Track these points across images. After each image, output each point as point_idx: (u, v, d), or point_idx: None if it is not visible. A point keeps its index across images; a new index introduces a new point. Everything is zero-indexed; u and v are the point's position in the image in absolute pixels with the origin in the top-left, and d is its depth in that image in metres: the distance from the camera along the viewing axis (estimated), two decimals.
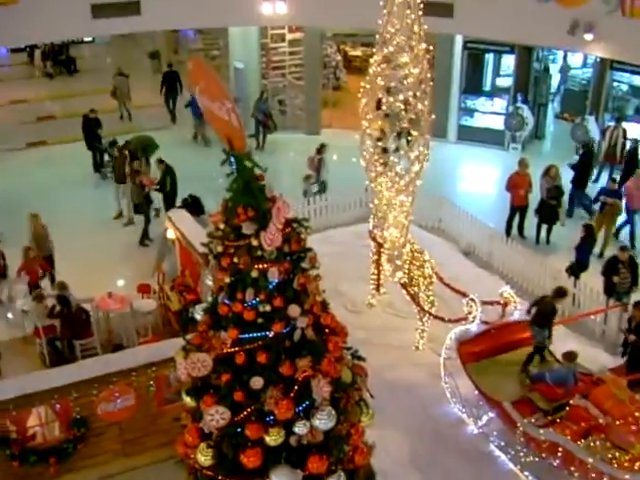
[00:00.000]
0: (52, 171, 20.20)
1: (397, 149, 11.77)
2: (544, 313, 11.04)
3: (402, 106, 11.26)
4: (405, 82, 11.26)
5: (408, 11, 10.53)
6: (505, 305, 11.73)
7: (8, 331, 14.00)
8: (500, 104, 22.66)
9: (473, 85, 23.08)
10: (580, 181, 18.11)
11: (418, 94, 11.26)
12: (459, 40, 21.82)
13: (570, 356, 10.22)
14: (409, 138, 11.52)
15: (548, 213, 16.92)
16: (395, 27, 10.60)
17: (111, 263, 15.73)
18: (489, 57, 23.05)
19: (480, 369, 10.88)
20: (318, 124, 23.17)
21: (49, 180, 19.62)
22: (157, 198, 17.43)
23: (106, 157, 20.68)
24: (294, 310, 6.28)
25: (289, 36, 23.52)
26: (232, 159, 6.27)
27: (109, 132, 20.88)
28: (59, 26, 17.41)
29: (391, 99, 11.34)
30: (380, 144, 11.83)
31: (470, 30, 19.13)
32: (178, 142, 19.50)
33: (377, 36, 10.49)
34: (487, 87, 23.40)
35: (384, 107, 11.36)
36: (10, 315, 14.63)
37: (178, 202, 16.98)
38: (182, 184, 17.59)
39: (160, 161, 17.57)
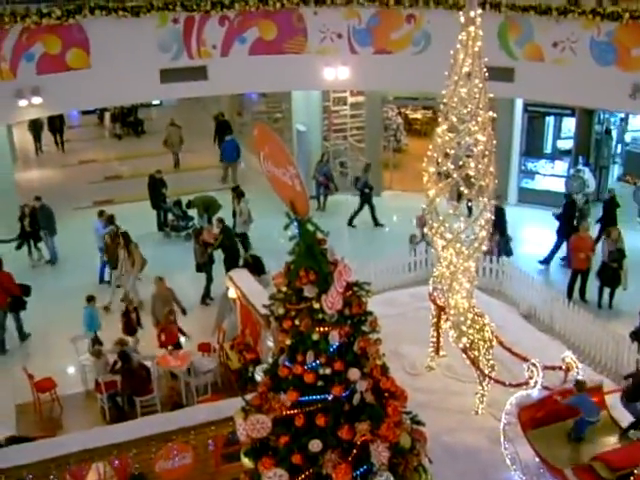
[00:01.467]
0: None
1: (464, 217, 11.78)
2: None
3: (470, 173, 11.31)
4: (473, 150, 11.32)
5: (476, 80, 10.59)
6: (567, 370, 11.55)
7: (70, 385, 14.28)
8: (561, 166, 22.60)
9: (534, 147, 23.06)
10: None
11: (485, 161, 11.31)
12: (519, 103, 21.94)
13: None
14: (476, 205, 11.53)
15: (610, 276, 16.67)
16: (461, 96, 10.67)
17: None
18: (550, 120, 23.03)
19: (541, 435, 10.68)
20: (379, 186, 23.37)
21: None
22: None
23: (170, 216, 21.20)
24: (354, 373, 6.32)
25: (351, 99, 23.91)
26: (295, 223, 6.42)
27: (174, 192, 21.39)
28: (129, 90, 18.01)
29: (452, 166, 11.40)
30: (446, 212, 11.86)
31: (531, 94, 19.21)
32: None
33: (442, 105, 10.55)
34: (548, 149, 23.32)
35: (451, 175, 11.41)
36: (72, 369, 14.94)
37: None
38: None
39: (220, 220, 17.99)
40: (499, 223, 17.04)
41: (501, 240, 17.58)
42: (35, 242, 19.60)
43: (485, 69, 10.86)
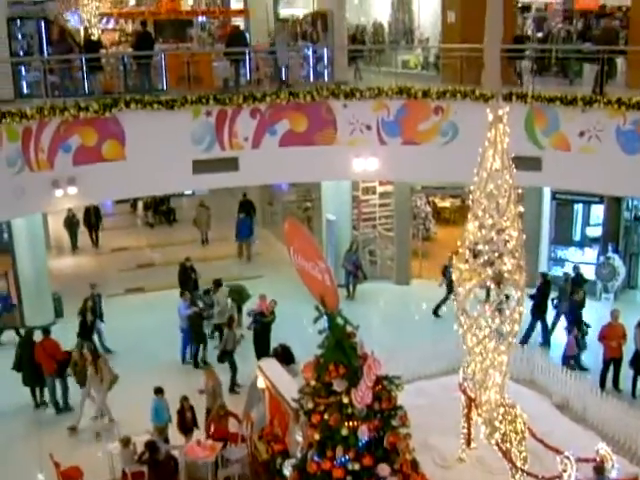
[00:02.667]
0: (149, 316, 20.84)
1: (496, 313, 11.72)
2: None
3: (503, 268, 11.29)
4: (504, 245, 11.33)
5: (506, 176, 10.64)
6: (601, 463, 11.33)
7: (98, 474, 14.17)
8: (591, 254, 22.53)
9: (563, 235, 23.06)
10: None
11: (517, 256, 11.32)
12: (548, 191, 22.06)
13: None
14: (508, 300, 11.49)
15: None
16: (490, 191, 10.69)
17: (202, 408, 15.83)
18: (578, 207, 23.07)
19: None
20: (408, 275, 23.41)
21: (146, 324, 20.27)
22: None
23: (200, 304, 21.28)
24: (383, 469, 6.29)
25: (380, 189, 24.22)
26: (325, 316, 6.49)
27: (204, 280, 21.56)
28: (162, 181, 18.39)
29: (480, 261, 11.39)
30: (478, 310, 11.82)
31: (558, 183, 19.35)
32: (271, 291, 19.92)
33: (470, 202, 10.57)
34: (577, 237, 23.29)
35: (484, 272, 11.39)
36: (100, 454, 14.85)
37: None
38: (273, 332, 18.06)
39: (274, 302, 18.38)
40: (577, 317, 17.24)
41: (578, 334, 17.73)
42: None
43: (513, 165, 10.98)
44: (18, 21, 20.50)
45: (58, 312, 21.06)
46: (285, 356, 16.34)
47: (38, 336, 17.14)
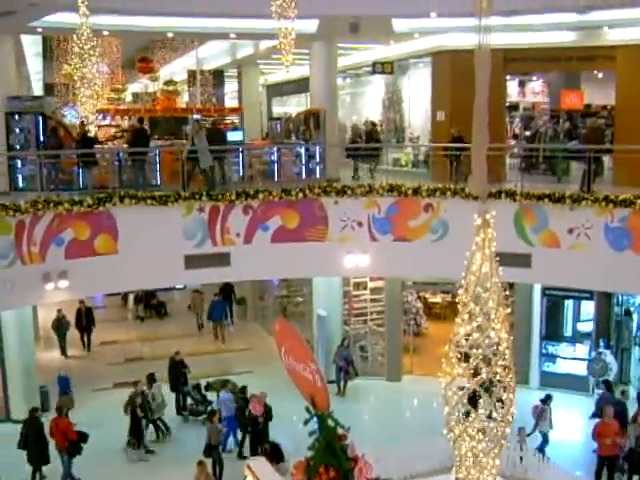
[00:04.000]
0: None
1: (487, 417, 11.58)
2: None
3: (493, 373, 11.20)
4: (496, 348, 11.26)
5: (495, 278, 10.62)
6: None
7: None
8: (582, 349, 22.50)
9: (554, 331, 23.09)
10: None
11: (507, 357, 11.25)
12: (538, 287, 22.17)
13: None
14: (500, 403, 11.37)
15: (639, 461, 16.22)
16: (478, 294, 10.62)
17: None
18: (569, 303, 23.15)
19: None
20: (399, 370, 23.29)
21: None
22: None
23: (189, 400, 21.09)
24: None
25: (371, 284, 24.30)
26: (315, 418, 6.44)
27: (195, 375, 21.39)
28: (154, 275, 18.40)
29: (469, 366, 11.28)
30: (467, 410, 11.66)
31: (548, 279, 19.45)
32: (260, 387, 19.76)
33: (459, 305, 10.49)
34: (568, 333, 23.29)
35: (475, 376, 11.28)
36: None
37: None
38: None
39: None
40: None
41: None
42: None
43: (501, 264, 11.00)
44: (16, 115, 20.89)
45: (44, 406, 20.72)
46: (274, 454, 16.13)
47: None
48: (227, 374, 21.85)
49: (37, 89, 38.34)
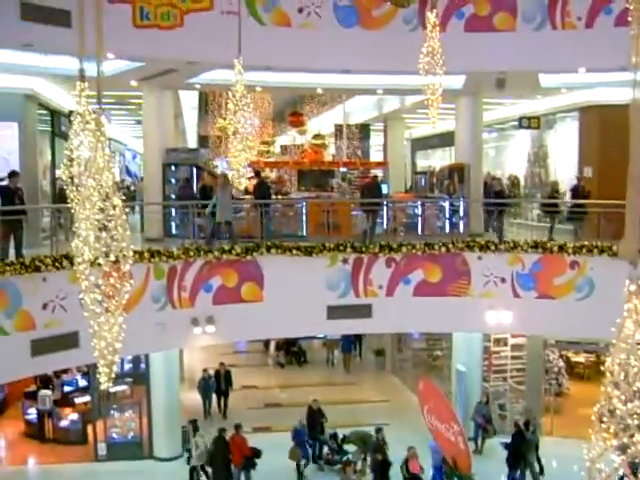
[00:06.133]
0: (275, 456, 20.86)
1: None
2: None
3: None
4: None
5: None
6: None
7: None
8: None
9: None
10: None
11: None
12: None
13: None
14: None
15: None
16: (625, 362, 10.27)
17: None
18: None
19: None
20: (539, 431, 22.68)
21: (272, 466, 20.29)
22: None
23: (325, 449, 21.26)
24: None
25: (512, 340, 23.85)
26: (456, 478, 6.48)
27: (332, 424, 21.57)
28: (296, 324, 18.82)
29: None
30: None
31: None
32: (396, 440, 19.70)
33: (607, 374, 10.10)
34: None
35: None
36: None
37: None
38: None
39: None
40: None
41: None
42: None
43: None
44: (172, 167, 22.07)
45: (185, 445, 21.40)
46: None
47: None
48: (363, 425, 21.85)
49: (191, 140, 40.16)
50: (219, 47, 15.75)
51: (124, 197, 7.33)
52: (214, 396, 25.52)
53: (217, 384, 25.59)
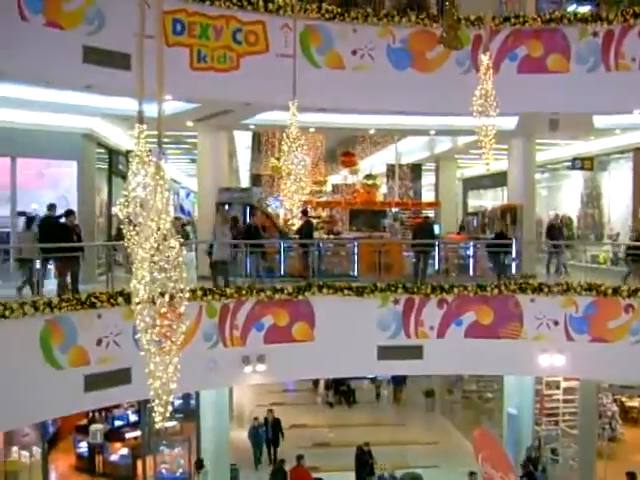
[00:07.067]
0: None
1: None
2: None
3: None
4: None
5: None
6: None
7: None
8: None
9: None
10: None
11: None
12: None
13: None
14: None
15: None
16: None
17: None
18: None
19: None
20: (592, 477, 22.20)
21: None
22: None
23: None
24: None
25: (564, 384, 23.50)
26: None
27: (380, 465, 21.40)
28: (347, 364, 18.67)
29: None
30: None
31: None
32: None
33: None
34: None
35: None
36: None
37: None
38: None
39: None
40: None
41: None
42: None
43: None
44: (226, 205, 22.34)
45: None
46: None
47: None
48: (412, 467, 21.68)
49: (244, 179, 40.64)
50: (274, 89, 16.04)
51: (181, 238, 7.47)
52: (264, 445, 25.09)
53: (266, 432, 25.19)
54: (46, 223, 16.51)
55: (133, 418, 23.62)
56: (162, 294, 7.19)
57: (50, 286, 15.93)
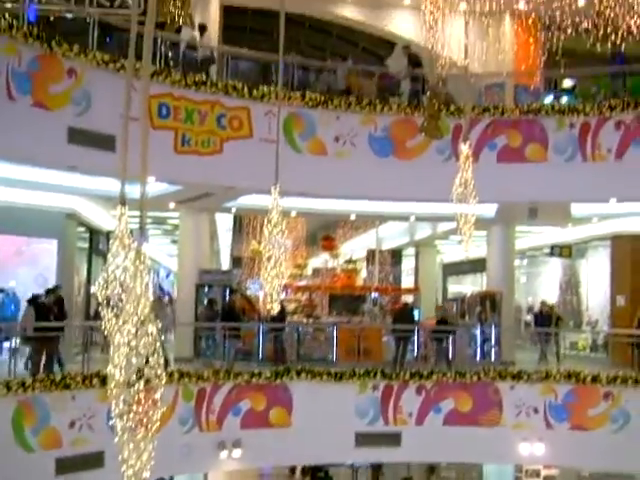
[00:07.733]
0: None
1: None
2: None
3: None
4: None
5: None
6: None
7: None
8: None
9: None
10: None
11: None
12: None
13: None
14: None
15: None
16: None
17: None
18: None
19: None
20: None
21: None
22: None
23: None
24: None
25: (544, 472, 23.30)
26: None
27: None
28: (324, 450, 18.48)
29: None
30: None
31: None
32: None
33: None
34: None
35: None
36: None
37: None
38: None
39: None
40: None
41: None
42: None
43: None
44: (205, 288, 22.26)
45: None
46: None
47: None
48: None
49: (225, 261, 40.67)
50: (256, 173, 16.13)
51: (159, 324, 7.42)
52: None
53: None
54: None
55: None
56: (139, 379, 7.10)
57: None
